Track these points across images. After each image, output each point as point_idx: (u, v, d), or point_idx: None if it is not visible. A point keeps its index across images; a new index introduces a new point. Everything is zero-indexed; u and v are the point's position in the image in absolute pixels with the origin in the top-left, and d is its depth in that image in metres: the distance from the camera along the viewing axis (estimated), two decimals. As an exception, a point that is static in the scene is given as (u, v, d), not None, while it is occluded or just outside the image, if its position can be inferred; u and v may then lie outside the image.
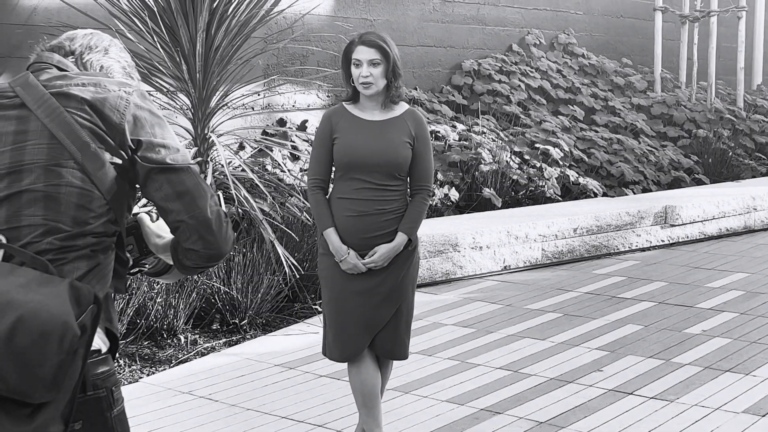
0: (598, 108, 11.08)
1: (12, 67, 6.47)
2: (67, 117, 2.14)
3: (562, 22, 11.76)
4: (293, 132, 8.26)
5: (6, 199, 2.11)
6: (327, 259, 3.96)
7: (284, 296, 6.33)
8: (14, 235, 2.10)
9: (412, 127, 3.96)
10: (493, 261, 7.49)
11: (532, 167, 9.12)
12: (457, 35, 10.39)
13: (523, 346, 5.65)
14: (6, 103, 2.17)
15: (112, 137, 2.16)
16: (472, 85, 10.24)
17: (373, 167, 3.88)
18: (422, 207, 3.98)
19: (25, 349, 1.91)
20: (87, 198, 2.12)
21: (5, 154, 2.13)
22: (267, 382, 5.09)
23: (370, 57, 3.87)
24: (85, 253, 2.12)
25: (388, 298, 3.96)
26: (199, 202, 2.19)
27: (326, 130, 3.96)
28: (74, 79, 2.20)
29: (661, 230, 8.58)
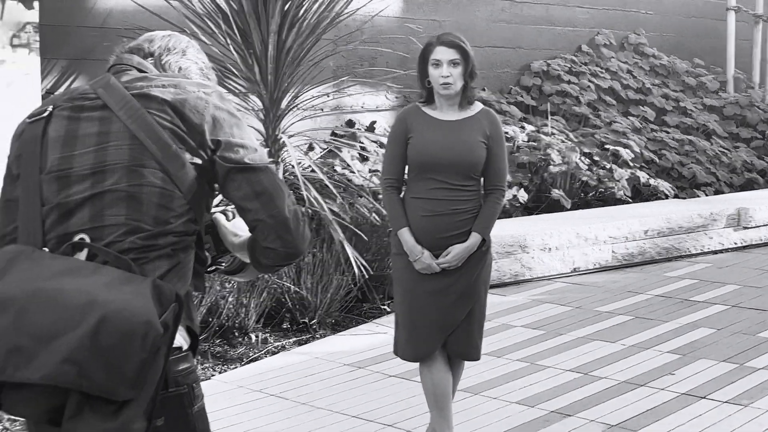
0: (669, 109, 10.94)
1: (87, 70, 6.59)
2: (148, 118, 2.16)
3: (633, 22, 11.63)
4: (362, 133, 8.30)
5: (89, 199, 2.14)
6: (401, 259, 3.98)
7: (353, 296, 6.37)
8: (97, 235, 2.12)
9: (487, 126, 3.97)
10: (562, 263, 7.44)
11: (601, 168, 9.05)
12: (525, 36, 10.35)
13: (594, 349, 5.61)
14: (88, 105, 2.20)
15: (192, 138, 2.18)
16: (541, 86, 10.18)
17: (448, 167, 3.89)
18: (496, 207, 3.98)
19: (109, 348, 1.93)
20: (168, 198, 2.15)
21: (89, 155, 2.16)
22: (337, 381, 5.13)
23: (450, 57, 3.88)
24: (167, 252, 2.15)
25: (461, 299, 3.96)
26: (276, 202, 2.21)
27: (401, 130, 3.97)
28: (154, 81, 2.23)
29: (733, 233, 8.45)
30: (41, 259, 2.06)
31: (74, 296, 1.96)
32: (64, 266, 2.04)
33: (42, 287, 1.99)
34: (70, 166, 2.16)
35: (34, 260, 2.06)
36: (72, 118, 2.20)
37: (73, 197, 2.14)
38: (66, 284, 1.99)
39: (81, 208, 2.14)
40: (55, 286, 1.99)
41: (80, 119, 2.19)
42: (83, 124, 2.19)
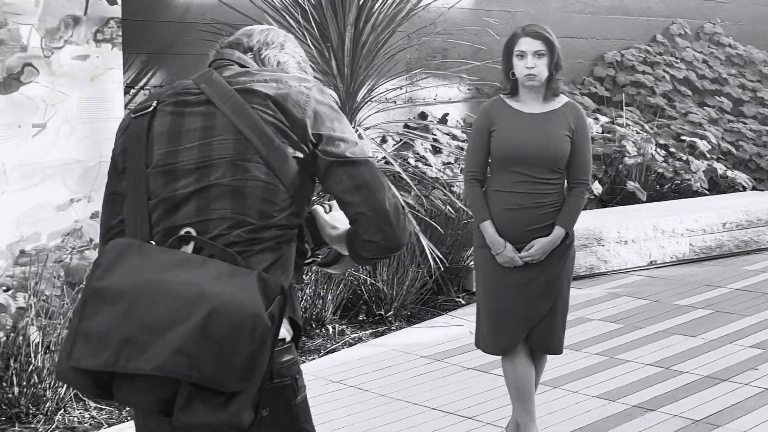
0: (746, 99, 10.74)
1: (166, 64, 6.68)
2: (251, 113, 2.18)
3: (708, 11, 11.43)
4: (434, 125, 8.29)
5: (195, 193, 2.17)
6: (483, 252, 3.97)
7: (428, 288, 6.38)
8: (203, 228, 2.15)
9: (572, 120, 3.94)
10: (638, 255, 7.36)
11: (677, 160, 8.92)
12: (599, 26, 10.23)
13: (674, 343, 5.55)
14: (192, 100, 2.23)
15: (294, 132, 2.19)
16: (615, 77, 10.07)
17: (532, 160, 3.87)
18: (580, 201, 3.96)
19: (219, 340, 1.96)
20: (272, 192, 2.16)
21: (194, 150, 2.19)
22: (415, 373, 5.14)
23: (536, 48, 3.86)
24: (270, 245, 2.16)
25: (544, 293, 3.95)
26: (377, 195, 2.21)
27: (484, 123, 3.96)
28: (256, 76, 2.25)
29: (814, 226, 8.28)
30: (150, 252, 2.10)
31: (184, 288, 1.99)
32: (172, 259, 2.07)
33: (152, 280, 2.02)
34: (175, 161, 2.19)
35: (142, 253, 2.09)
36: (176, 113, 2.23)
37: (180, 191, 2.17)
38: (175, 277, 2.02)
39: (187, 202, 2.17)
40: (164, 278, 2.02)
41: (184, 114, 2.22)
42: (188, 119, 2.22)
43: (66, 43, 5.30)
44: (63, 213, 5.32)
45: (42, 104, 5.26)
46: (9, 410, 4.38)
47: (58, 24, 5.27)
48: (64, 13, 5.29)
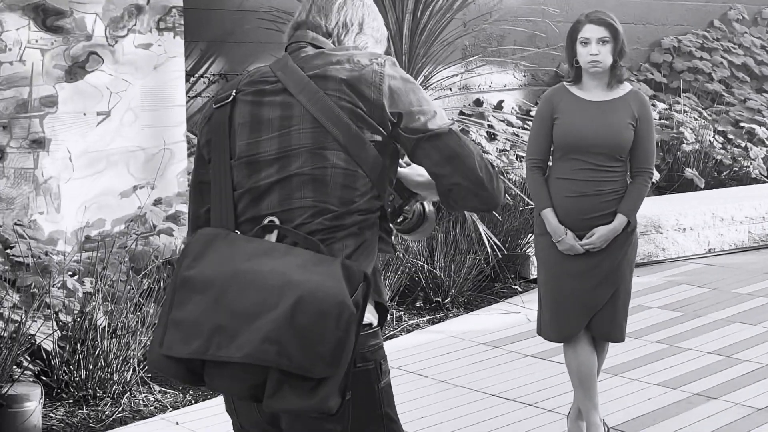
0: (805, 85, 10.59)
1: (226, 51, 6.75)
2: (327, 100, 2.20)
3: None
4: (489, 112, 8.28)
5: (277, 183, 2.20)
6: (544, 240, 3.98)
7: (486, 275, 6.39)
8: (287, 217, 2.18)
9: (636, 108, 3.92)
10: (696, 243, 7.31)
11: (736, 147, 8.83)
12: (656, 11, 10.14)
13: (734, 331, 5.51)
14: (269, 89, 2.25)
15: (371, 115, 2.20)
16: (672, 63, 9.98)
17: (595, 149, 3.86)
18: (643, 189, 3.94)
19: (306, 328, 1.99)
20: (351, 178, 2.19)
21: (274, 140, 2.21)
22: (474, 360, 5.16)
23: (600, 35, 3.85)
24: (353, 231, 2.19)
25: (605, 281, 3.94)
26: (467, 162, 2.21)
27: (547, 111, 3.96)
28: (329, 57, 2.25)
29: None
30: (236, 242, 2.14)
31: (271, 277, 2.04)
32: (258, 248, 2.12)
33: (240, 269, 2.06)
34: (257, 152, 2.22)
35: (229, 242, 2.13)
36: (255, 102, 2.25)
37: (263, 182, 2.21)
38: (262, 265, 2.06)
39: (270, 192, 2.20)
40: (252, 267, 2.06)
41: (263, 104, 2.25)
42: (266, 108, 2.24)
43: (129, 31, 5.39)
44: (127, 200, 5.41)
45: (106, 92, 5.34)
46: (77, 393, 4.47)
47: (121, 13, 5.35)
48: (127, 2, 5.37)
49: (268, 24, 6.51)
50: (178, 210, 5.38)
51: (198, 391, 4.66)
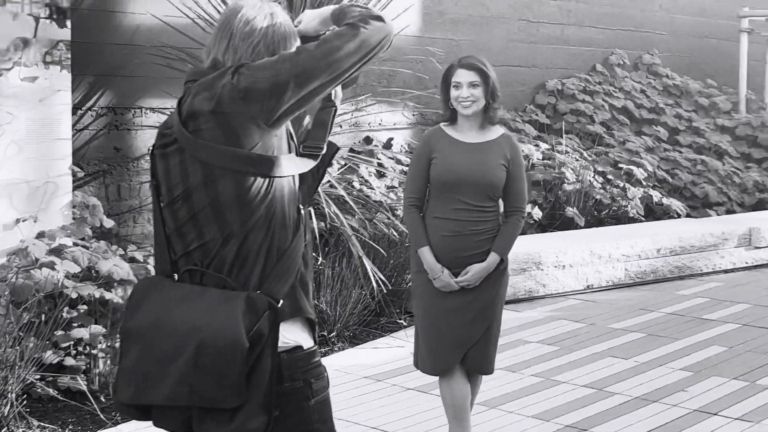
0: (682, 129, 11.07)
1: (115, 85, 6.75)
2: (200, 142, 2.37)
3: (646, 42, 11.77)
4: (379, 150, 8.44)
5: (190, 220, 2.40)
6: (421, 277, 4.11)
7: (371, 310, 6.50)
8: (205, 251, 2.40)
9: (508, 150, 4.10)
10: (575, 280, 7.56)
11: (615, 187, 9.17)
12: (541, 55, 10.49)
13: (608, 365, 5.73)
14: (168, 141, 2.46)
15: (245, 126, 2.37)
16: (556, 105, 10.32)
17: (470, 187, 4.02)
18: (516, 228, 4.11)
19: (209, 367, 2.26)
20: (244, 202, 2.37)
21: (179, 184, 2.41)
22: (356, 394, 5.25)
23: (471, 79, 4.02)
24: (259, 250, 2.39)
25: (479, 316, 4.09)
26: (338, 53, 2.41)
27: (425, 151, 4.11)
28: (194, 90, 2.44)
29: (745, 252, 8.56)
30: (165, 289, 2.40)
31: (181, 323, 2.31)
32: (179, 294, 2.37)
33: (161, 318, 2.34)
34: (173, 195, 2.43)
35: (159, 291, 2.40)
36: (163, 155, 2.46)
37: (181, 221, 2.42)
38: (177, 313, 2.33)
39: (189, 229, 2.41)
40: (170, 316, 2.33)
41: (167, 155, 2.45)
42: (170, 158, 2.44)
43: (15, 64, 5.37)
44: (9, 232, 5.37)
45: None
46: (-48, 428, 4.41)
47: (7, 46, 5.33)
48: (13, 35, 5.35)
49: (157, 59, 6.55)
50: (62, 243, 5.36)
51: (77, 427, 4.63)
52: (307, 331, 2.46)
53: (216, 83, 2.39)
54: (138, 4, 6.81)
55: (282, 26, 2.51)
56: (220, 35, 2.50)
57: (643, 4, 11.67)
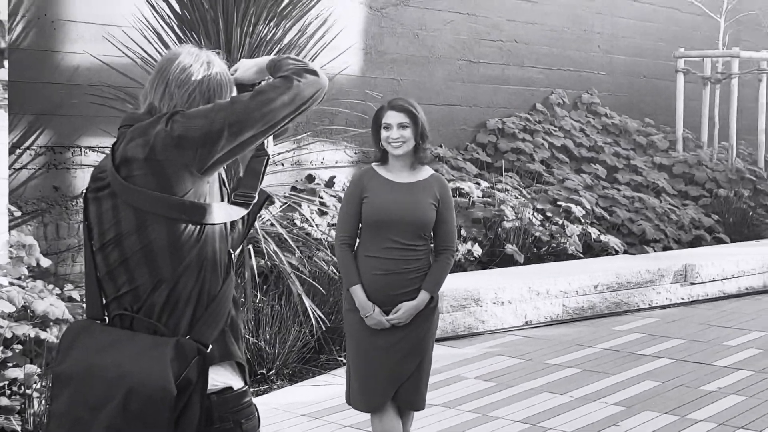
0: (620, 167, 11.28)
1: (54, 124, 6.76)
2: (134, 189, 2.42)
3: (586, 81, 12.01)
4: (321, 188, 8.51)
5: (122, 264, 2.44)
6: (353, 315, 4.17)
7: (310, 348, 6.53)
8: (135, 296, 2.44)
9: (438, 190, 4.19)
10: (514, 316, 7.66)
11: (554, 224, 9.32)
12: (482, 94, 10.66)
13: (543, 400, 5.81)
14: (101, 185, 2.50)
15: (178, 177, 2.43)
16: (497, 143, 10.48)
17: (401, 226, 4.10)
18: (446, 267, 4.20)
19: (138, 414, 2.31)
20: (175, 248, 2.42)
21: (112, 228, 2.45)
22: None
23: (400, 120, 4.11)
24: (189, 296, 2.44)
25: (411, 353, 4.15)
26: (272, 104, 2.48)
27: (356, 190, 4.19)
28: (128, 136, 2.49)
29: (681, 288, 8.73)
30: (95, 334, 2.44)
31: (111, 370, 2.35)
32: (109, 339, 2.41)
33: (92, 363, 2.37)
34: (105, 239, 2.47)
35: (90, 334, 2.44)
36: (96, 198, 2.51)
37: (113, 266, 2.46)
38: (107, 358, 2.36)
39: (120, 273, 2.45)
40: (100, 361, 2.37)
41: (100, 199, 2.49)
42: (103, 202, 2.48)
43: (-49, 104, 5.36)
44: (-57, 272, 5.33)
45: (-76, 164, 5.29)
46: None
47: (-57, 85, 5.33)
48: (-51, 74, 5.35)
49: (95, 99, 6.58)
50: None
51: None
52: (237, 373, 2.52)
53: (150, 130, 2.44)
54: (77, 44, 6.84)
55: (218, 75, 2.58)
56: (157, 81, 2.55)
57: (582, 45, 11.92)
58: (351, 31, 9.01)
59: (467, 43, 10.45)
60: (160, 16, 6.50)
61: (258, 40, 6.43)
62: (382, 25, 9.50)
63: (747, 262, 9.22)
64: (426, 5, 9.94)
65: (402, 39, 9.71)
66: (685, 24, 13.21)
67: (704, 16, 12.91)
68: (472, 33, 10.48)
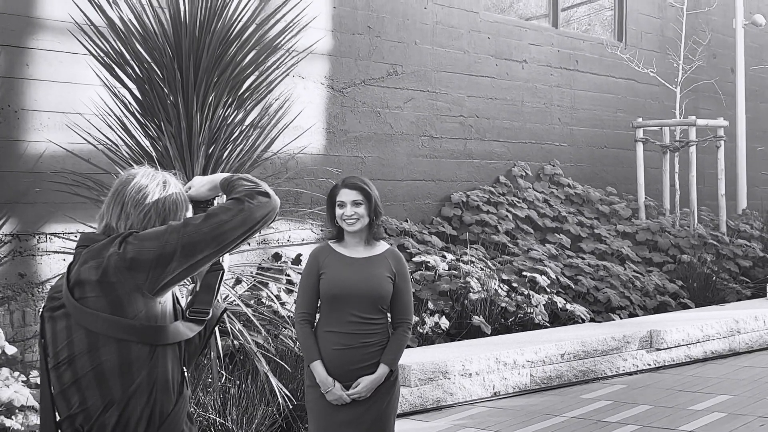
0: (584, 235, 11.43)
1: (18, 212, 6.82)
2: (86, 311, 2.49)
3: (548, 153, 12.22)
4: (288, 266, 8.58)
5: (74, 384, 2.49)
6: (314, 391, 4.23)
7: (278, 426, 6.54)
8: (87, 415, 2.49)
9: (393, 264, 4.29)
10: (482, 387, 7.70)
11: (520, 294, 9.41)
12: (445, 169, 10.83)
13: (509, 471, 5.84)
14: (56, 305, 2.57)
15: (128, 293, 2.51)
16: (461, 216, 10.61)
17: (358, 299, 4.19)
18: (403, 339, 4.27)
19: None
20: (126, 369, 2.48)
21: (65, 348, 2.51)
22: None
23: (353, 198, 4.23)
24: (142, 414, 2.50)
25: (372, 428, 4.20)
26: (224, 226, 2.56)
27: (313, 267, 4.28)
28: (81, 259, 2.57)
29: (647, 354, 8.81)
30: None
31: None
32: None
33: None
34: (59, 359, 2.52)
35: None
36: (52, 318, 2.57)
37: (66, 385, 2.51)
38: None
39: (73, 393, 2.50)
40: None
41: (55, 318, 2.56)
42: (58, 322, 2.55)
43: None
44: None
45: None
46: None
47: None
48: None
49: (61, 186, 6.66)
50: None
51: None
52: None
53: (104, 252, 2.52)
54: (40, 133, 6.95)
55: (173, 195, 2.67)
56: (114, 201, 2.64)
57: (542, 118, 12.16)
58: (313, 110, 9.18)
59: (429, 119, 10.65)
60: (122, 103, 6.62)
61: (219, 123, 6.56)
62: (344, 104, 9.68)
63: (711, 326, 9.34)
64: (387, 84, 10.15)
65: (364, 117, 9.90)
66: (643, 94, 13.51)
67: (661, 86, 13.22)
68: (433, 109, 10.69)
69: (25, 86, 6.92)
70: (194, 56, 6.34)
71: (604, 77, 13.01)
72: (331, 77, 9.55)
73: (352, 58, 9.78)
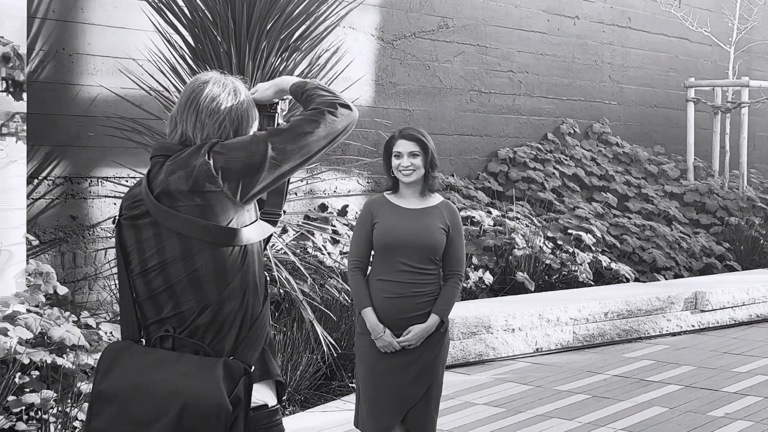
0: (631, 195, 11.35)
1: (70, 155, 6.90)
2: (179, 216, 2.52)
3: (596, 111, 12.11)
4: (334, 217, 8.61)
5: (166, 290, 2.54)
6: (364, 338, 4.26)
7: (322, 374, 6.61)
8: (180, 320, 2.54)
9: (447, 216, 4.30)
10: (524, 343, 7.72)
11: (564, 252, 9.38)
12: (493, 124, 10.77)
13: (551, 426, 5.86)
14: (139, 213, 2.59)
15: (223, 206, 2.53)
16: (508, 173, 10.57)
17: (411, 250, 4.20)
18: (455, 291, 4.28)
19: (192, 429, 2.39)
20: (221, 274, 2.53)
21: (155, 255, 2.55)
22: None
23: (410, 149, 4.23)
24: (233, 319, 2.55)
25: (420, 377, 4.23)
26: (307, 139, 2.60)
27: (367, 216, 4.31)
28: (168, 169, 2.58)
29: (691, 315, 8.77)
30: (136, 354, 2.52)
31: (161, 387, 2.43)
32: (153, 359, 2.49)
33: (137, 381, 2.45)
34: (146, 266, 2.56)
35: (131, 355, 2.51)
36: (134, 226, 2.59)
37: (156, 291, 2.55)
38: (155, 376, 2.44)
39: (164, 298, 2.54)
40: (146, 379, 2.45)
41: (139, 227, 2.58)
42: (143, 230, 2.58)
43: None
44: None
45: (-55, 194, 5.42)
46: None
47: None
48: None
49: (112, 131, 6.72)
50: (15, 310, 5.45)
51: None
52: (273, 391, 2.66)
53: (191, 161, 2.54)
54: (93, 77, 6.99)
55: (245, 103, 2.69)
56: (187, 110, 2.64)
57: (593, 75, 12.03)
58: (363, 62, 9.15)
59: (478, 73, 10.58)
60: (174, 49, 6.64)
61: (270, 71, 6.56)
62: (393, 56, 9.64)
63: (757, 289, 9.26)
64: (437, 37, 10.08)
65: (413, 70, 9.85)
66: (696, 54, 13.31)
67: (714, 46, 13.01)
68: (482, 64, 10.62)
69: (79, 30, 6.96)
70: (247, 3, 6.33)
71: (657, 35, 12.83)
72: (381, 29, 9.51)
73: (403, 10, 9.72)
